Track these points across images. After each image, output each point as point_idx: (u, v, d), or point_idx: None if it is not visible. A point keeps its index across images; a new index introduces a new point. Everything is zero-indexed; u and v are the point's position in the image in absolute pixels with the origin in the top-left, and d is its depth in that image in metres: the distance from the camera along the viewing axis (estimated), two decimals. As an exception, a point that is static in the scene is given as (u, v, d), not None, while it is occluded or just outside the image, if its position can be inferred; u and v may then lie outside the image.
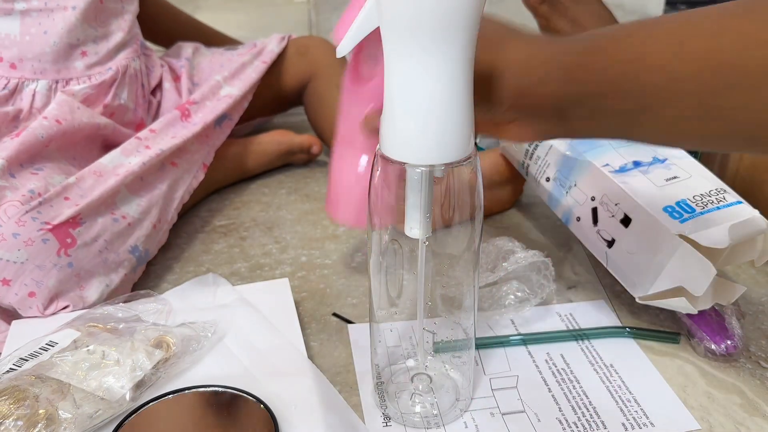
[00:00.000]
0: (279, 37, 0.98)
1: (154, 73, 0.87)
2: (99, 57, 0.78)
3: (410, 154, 0.43)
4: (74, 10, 0.74)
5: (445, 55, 0.40)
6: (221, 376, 0.54)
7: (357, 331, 0.65)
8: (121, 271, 0.68)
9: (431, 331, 0.63)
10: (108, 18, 0.79)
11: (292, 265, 0.77)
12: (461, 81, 0.41)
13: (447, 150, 0.43)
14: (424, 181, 0.44)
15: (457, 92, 0.41)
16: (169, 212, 0.76)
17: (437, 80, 0.40)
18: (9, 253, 0.60)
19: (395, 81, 0.42)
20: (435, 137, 0.42)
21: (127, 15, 0.81)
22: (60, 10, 0.73)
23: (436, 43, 0.39)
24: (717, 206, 0.61)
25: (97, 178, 0.67)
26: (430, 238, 0.48)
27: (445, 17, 0.39)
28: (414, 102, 0.41)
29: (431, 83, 0.41)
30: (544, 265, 0.67)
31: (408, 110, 0.42)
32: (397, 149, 0.43)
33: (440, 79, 0.40)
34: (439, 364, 0.58)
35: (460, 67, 0.41)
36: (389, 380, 0.57)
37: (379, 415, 0.55)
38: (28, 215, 0.61)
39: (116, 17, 0.80)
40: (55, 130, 0.70)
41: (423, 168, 0.43)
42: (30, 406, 0.47)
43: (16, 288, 0.61)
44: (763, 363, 0.61)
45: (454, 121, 0.42)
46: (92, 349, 0.53)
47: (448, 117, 0.42)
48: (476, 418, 0.54)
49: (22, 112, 0.74)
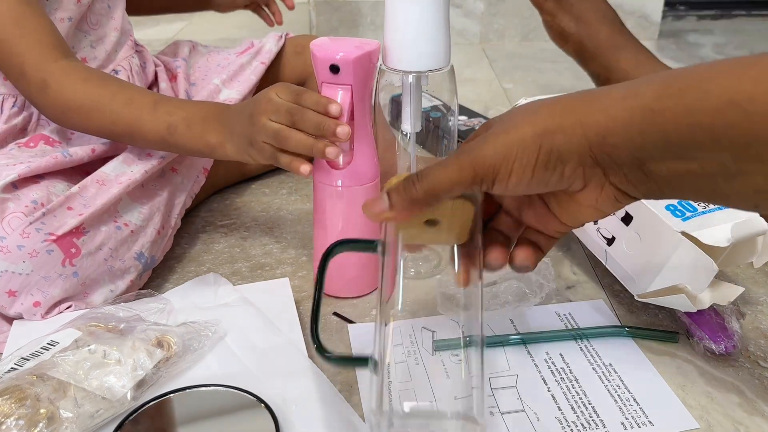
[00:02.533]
0: (276, 36, 0.97)
1: (147, 69, 0.86)
2: (100, 61, 0.77)
3: (405, 63, 0.61)
4: (70, 21, 0.72)
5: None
6: (222, 375, 0.55)
7: (357, 330, 0.65)
8: (127, 277, 0.68)
9: (431, 329, 0.63)
10: (99, 20, 0.78)
11: (292, 264, 0.77)
12: (440, 12, 0.59)
13: (428, 61, 0.61)
14: (413, 85, 0.62)
15: (436, 20, 0.59)
16: (172, 218, 0.76)
17: (422, 11, 0.59)
18: (14, 265, 0.60)
19: (394, 12, 0.60)
20: (419, 51, 0.60)
21: (116, 12, 0.80)
22: (57, 22, 0.70)
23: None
24: (719, 206, 0.61)
25: (100, 187, 0.67)
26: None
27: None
28: (407, 28, 0.60)
29: (417, 12, 0.59)
30: (543, 265, 0.67)
31: (404, 34, 0.60)
32: (395, 62, 0.61)
33: (424, 10, 0.59)
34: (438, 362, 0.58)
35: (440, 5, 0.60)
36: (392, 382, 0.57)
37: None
38: (32, 226, 0.61)
39: (106, 17, 0.79)
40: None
41: (413, 73, 0.61)
42: (31, 406, 0.48)
43: (22, 299, 0.61)
44: (762, 362, 0.61)
45: (435, 40, 0.60)
46: (93, 349, 0.53)
47: (429, 37, 0.60)
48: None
49: (30, 123, 0.73)
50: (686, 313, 0.63)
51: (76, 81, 0.65)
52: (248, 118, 0.61)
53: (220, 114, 0.64)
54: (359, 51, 0.60)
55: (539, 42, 1.72)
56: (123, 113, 0.65)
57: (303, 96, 0.59)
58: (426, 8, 0.59)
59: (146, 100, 0.66)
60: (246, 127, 0.61)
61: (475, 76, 1.49)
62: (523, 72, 1.52)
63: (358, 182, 0.65)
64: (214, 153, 0.65)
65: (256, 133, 0.60)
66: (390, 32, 0.61)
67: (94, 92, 0.65)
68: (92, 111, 0.65)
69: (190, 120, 0.64)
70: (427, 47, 0.61)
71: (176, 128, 0.64)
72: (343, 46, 0.61)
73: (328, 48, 0.61)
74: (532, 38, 1.75)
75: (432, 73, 0.62)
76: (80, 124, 0.67)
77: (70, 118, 0.66)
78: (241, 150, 0.62)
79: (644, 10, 1.73)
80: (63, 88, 0.64)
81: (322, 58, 0.61)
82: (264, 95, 0.60)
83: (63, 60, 0.65)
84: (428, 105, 0.89)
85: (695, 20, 1.98)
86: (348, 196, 0.65)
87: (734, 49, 1.69)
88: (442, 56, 0.62)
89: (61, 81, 0.64)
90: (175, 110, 0.65)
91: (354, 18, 1.69)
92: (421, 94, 0.64)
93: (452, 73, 0.64)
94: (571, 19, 0.84)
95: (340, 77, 0.61)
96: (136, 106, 0.65)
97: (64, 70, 0.65)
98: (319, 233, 0.69)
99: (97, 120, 0.66)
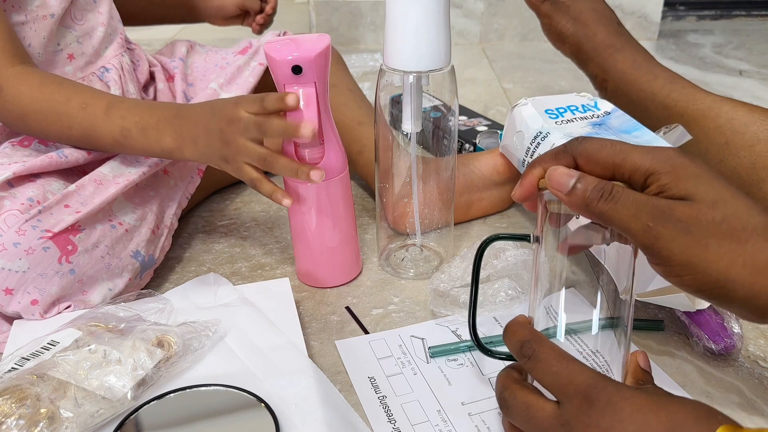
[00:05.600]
0: (275, 36, 0.97)
1: (141, 68, 0.86)
2: (87, 57, 0.77)
3: (405, 63, 0.62)
4: (53, 17, 0.72)
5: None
6: (222, 375, 0.55)
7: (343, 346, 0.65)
8: (125, 275, 0.68)
9: (419, 337, 0.63)
10: (83, 14, 0.77)
11: (292, 264, 0.77)
12: (440, 12, 0.60)
13: (428, 61, 0.62)
14: (414, 85, 0.63)
15: (436, 21, 0.60)
16: (167, 218, 0.75)
17: (423, 11, 0.60)
18: (10, 262, 0.60)
19: (394, 13, 0.60)
20: (419, 51, 0.61)
21: (102, 7, 0.79)
22: (40, 20, 0.70)
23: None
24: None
25: (98, 186, 0.67)
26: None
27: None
28: (407, 28, 0.60)
29: (417, 13, 0.60)
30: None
31: (404, 34, 0.61)
32: (396, 62, 0.62)
33: (424, 11, 0.60)
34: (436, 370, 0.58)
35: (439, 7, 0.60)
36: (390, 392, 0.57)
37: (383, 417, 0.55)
38: (28, 224, 0.61)
39: (92, 12, 0.78)
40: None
41: (413, 73, 0.62)
42: (31, 405, 0.48)
43: (18, 297, 0.61)
44: (761, 362, 0.61)
45: (435, 40, 0.61)
46: (94, 349, 0.53)
47: (430, 37, 0.61)
48: (486, 420, 0.54)
49: None
50: (686, 313, 0.63)
51: (31, 86, 0.64)
52: (218, 134, 0.61)
53: (174, 118, 0.64)
54: (317, 47, 0.60)
55: (539, 42, 1.72)
56: (78, 118, 0.65)
57: (265, 101, 0.60)
58: (426, 8, 0.59)
59: (100, 104, 0.65)
60: (217, 143, 0.62)
61: (475, 77, 1.49)
62: (523, 72, 1.52)
63: (330, 176, 0.66)
64: (171, 156, 0.65)
65: (235, 153, 0.61)
66: (390, 32, 0.61)
67: (50, 98, 0.65)
68: (48, 116, 0.65)
69: (144, 124, 0.64)
70: (427, 47, 0.61)
71: (130, 132, 0.64)
72: (298, 45, 0.61)
73: (284, 49, 0.61)
74: (532, 38, 1.75)
75: (432, 73, 0.62)
76: (38, 130, 0.66)
77: (27, 124, 0.66)
78: (207, 160, 0.64)
79: (644, 10, 1.73)
80: (19, 93, 0.64)
81: (281, 61, 0.60)
82: (232, 112, 0.61)
83: (19, 65, 0.65)
84: (428, 105, 0.89)
85: (695, 20, 1.98)
86: (323, 189, 0.67)
87: (734, 49, 1.69)
88: (443, 56, 0.62)
89: (16, 86, 0.64)
90: (128, 114, 0.65)
91: (354, 18, 1.69)
92: (422, 94, 0.64)
93: (452, 73, 0.64)
94: (568, 21, 0.84)
95: (302, 77, 0.61)
96: (90, 111, 0.65)
97: (20, 76, 0.64)
98: (297, 230, 0.70)
99: (54, 125, 0.65)
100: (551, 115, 0.75)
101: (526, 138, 0.74)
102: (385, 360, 0.61)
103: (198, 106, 0.65)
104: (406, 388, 0.58)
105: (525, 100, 0.78)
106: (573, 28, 0.84)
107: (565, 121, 0.74)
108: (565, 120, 0.75)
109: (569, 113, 0.76)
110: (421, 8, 0.59)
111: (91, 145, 0.68)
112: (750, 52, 1.68)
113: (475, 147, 0.98)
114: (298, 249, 0.72)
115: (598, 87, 0.87)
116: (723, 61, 1.59)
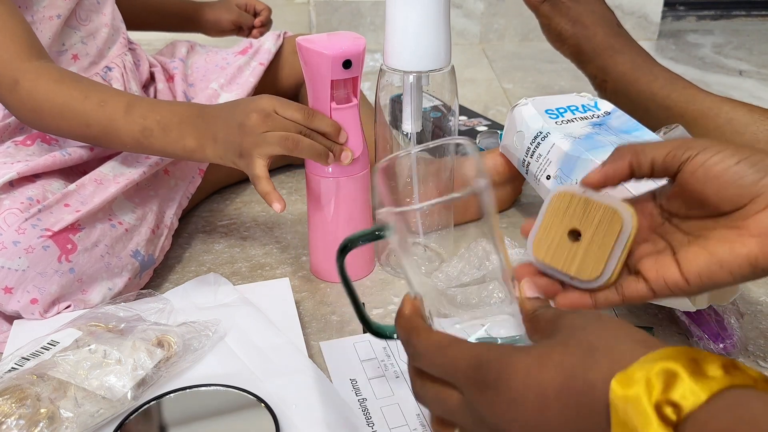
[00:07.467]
0: (275, 35, 0.97)
1: (142, 68, 0.86)
2: (92, 57, 0.77)
3: (405, 63, 0.63)
4: (59, 18, 0.72)
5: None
6: (222, 375, 0.55)
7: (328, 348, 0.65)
8: (125, 274, 0.68)
9: None
10: (88, 15, 0.77)
11: (292, 264, 0.77)
12: (440, 12, 0.61)
13: (428, 61, 0.63)
14: (414, 85, 0.64)
15: (436, 21, 0.61)
16: (167, 218, 0.75)
17: (423, 11, 0.60)
18: (10, 261, 0.60)
19: (394, 13, 0.61)
20: (419, 51, 0.62)
21: (106, 8, 0.79)
22: (46, 20, 0.71)
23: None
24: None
25: (98, 186, 0.67)
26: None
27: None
28: (407, 28, 0.61)
29: (418, 13, 0.60)
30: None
31: (404, 34, 0.62)
32: (396, 62, 0.63)
33: (425, 11, 0.60)
34: None
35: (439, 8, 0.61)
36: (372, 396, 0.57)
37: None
38: (27, 222, 0.61)
39: (96, 12, 0.78)
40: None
41: (413, 73, 0.63)
42: (32, 405, 0.48)
43: (18, 295, 0.61)
44: (761, 362, 0.61)
45: (435, 40, 0.62)
46: (94, 349, 0.53)
47: (430, 37, 0.61)
48: (467, 423, 0.54)
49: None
50: (686, 313, 0.63)
51: (48, 81, 0.63)
52: (238, 127, 0.61)
53: (197, 117, 0.64)
54: (359, 43, 0.62)
55: (539, 42, 1.71)
56: (96, 115, 0.64)
57: (314, 118, 0.62)
58: (426, 9, 0.59)
59: (120, 103, 0.64)
60: (235, 136, 0.61)
61: (475, 77, 1.49)
62: (522, 72, 1.52)
63: (355, 171, 0.67)
64: (192, 156, 0.64)
65: (252, 145, 0.60)
66: (390, 32, 0.61)
67: (67, 93, 0.63)
68: (65, 112, 0.64)
69: (166, 123, 0.63)
70: (427, 47, 0.61)
71: (151, 132, 0.63)
72: (338, 41, 0.63)
73: (327, 45, 0.62)
74: (532, 38, 1.75)
75: (432, 73, 0.63)
76: (53, 126, 0.65)
77: (42, 119, 0.65)
78: (225, 157, 0.63)
79: (644, 11, 1.73)
80: (35, 87, 0.63)
81: (333, 55, 0.61)
82: (267, 105, 0.61)
83: (36, 60, 0.64)
84: (428, 105, 0.89)
85: (695, 20, 1.98)
86: (347, 184, 0.68)
87: (734, 49, 1.69)
88: (443, 56, 0.62)
89: (33, 81, 0.63)
90: (149, 113, 0.64)
91: (354, 18, 1.69)
92: (422, 94, 0.64)
93: (452, 73, 0.65)
94: (568, 22, 0.84)
95: (351, 71, 0.62)
96: (109, 109, 0.64)
97: (37, 71, 0.63)
98: (316, 223, 0.71)
99: (70, 121, 0.64)
100: (551, 115, 0.75)
101: (526, 138, 0.75)
102: (368, 362, 0.60)
103: (221, 105, 0.65)
104: (387, 391, 0.57)
105: (525, 100, 0.78)
106: (572, 29, 0.84)
107: (565, 121, 0.74)
108: (565, 120, 0.75)
109: (569, 113, 0.76)
110: (421, 8, 0.59)
111: (109, 144, 0.66)
112: (750, 52, 1.68)
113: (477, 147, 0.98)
114: (313, 242, 0.72)
115: (597, 88, 0.87)
116: (723, 62, 1.59)
